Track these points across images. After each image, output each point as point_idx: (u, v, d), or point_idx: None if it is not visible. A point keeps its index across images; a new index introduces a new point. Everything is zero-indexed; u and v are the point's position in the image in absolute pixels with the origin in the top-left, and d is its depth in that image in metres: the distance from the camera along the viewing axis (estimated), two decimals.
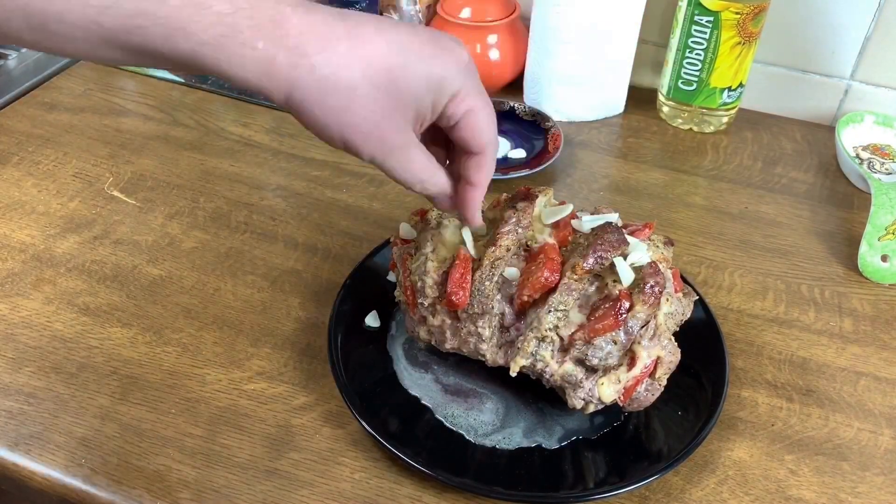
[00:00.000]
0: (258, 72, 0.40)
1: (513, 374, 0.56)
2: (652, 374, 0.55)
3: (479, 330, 0.57)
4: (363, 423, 0.57)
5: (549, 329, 0.54)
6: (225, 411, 0.61)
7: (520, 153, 0.88)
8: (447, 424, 0.59)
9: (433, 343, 0.61)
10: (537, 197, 0.59)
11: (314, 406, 0.61)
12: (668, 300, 0.55)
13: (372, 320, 0.66)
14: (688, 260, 0.77)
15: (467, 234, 0.58)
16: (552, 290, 0.54)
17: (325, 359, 0.63)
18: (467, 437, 0.59)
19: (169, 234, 0.77)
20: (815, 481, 0.58)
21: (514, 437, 0.59)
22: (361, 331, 0.65)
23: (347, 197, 0.82)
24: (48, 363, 0.64)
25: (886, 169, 0.87)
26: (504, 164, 0.87)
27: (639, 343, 0.54)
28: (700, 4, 0.85)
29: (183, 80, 0.98)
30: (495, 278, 0.55)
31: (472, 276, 0.56)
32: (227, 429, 0.59)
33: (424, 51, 0.44)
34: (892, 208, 0.77)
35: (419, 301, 0.58)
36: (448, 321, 0.58)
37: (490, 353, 0.58)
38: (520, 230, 0.57)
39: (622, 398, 0.55)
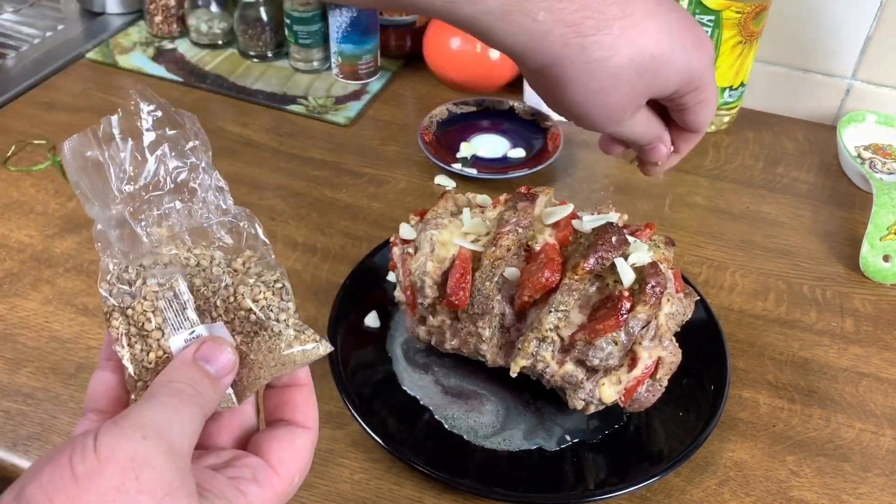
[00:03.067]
0: (528, 40, 0.41)
1: (513, 374, 0.56)
2: (653, 375, 0.55)
3: (480, 330, 0.57)
4: (363, 424, 0.56)
5: (550, 329, 0.54)
6: None
7: (519, 153, 0.88)
8: (447, 426, 0.59)
9: (433, 343, 0.60)
10: (537, 197, 0.59)
11: None
12: (669, 300, 0.55)
13: (372, 320, 0.66)
14: (689, 260, 0.76)
15: (467, 225, 0.58)
16: (553, 290, 0.54)
17: (325, 359, 0.62)
18: (467, 439, 0.58)
19: None
20: (817, 482, 0.58)
21: (514, 439, 0.58)
22: (361, 331, 0.65)
23: (347, 197, 0.82)
24: (47, 363, 0.64)
25: (888, 168, 0.87)
26: (503, 163, 0.87)
27: (640, 344, 0.54)
28: (701, 3, 0.85)
29: (182, 80, 0.98)
30: (495, 278, 0.55)
31: (473, 276, 0.56)
32: None
33: (687, 40, 0.44)
34: (893, 208, 0.77)
35: (419, 301, 0.58)
36: (448, 321, 0.58)
37: (490, 353, 0.58)
38: (520, 230, 0.56)
39: (623, 399, 0.55)
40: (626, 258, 0.55)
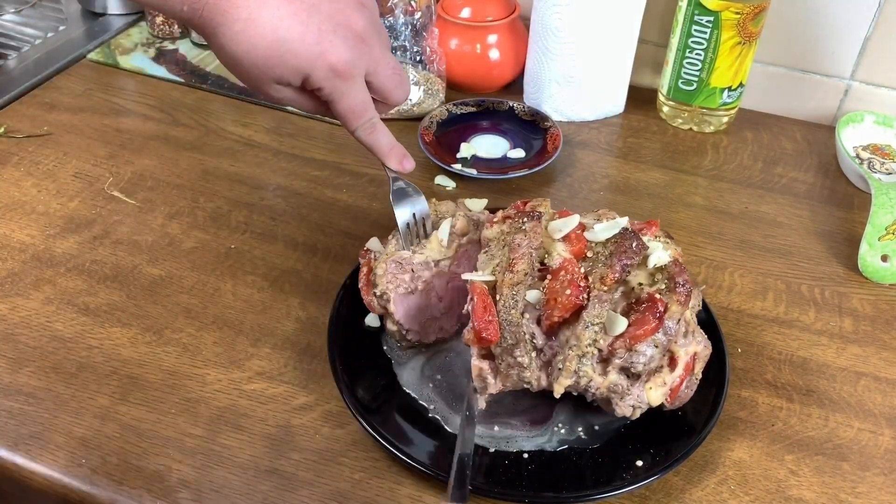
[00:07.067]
0: (185, 18, 0.53)
1: (557, 395, 0.54)
2: (691, 370, 0.55)
3: (519, 360, 0.54)
4: (363, 423, 0.57)
5: (589, 344, 0.53)
6: (225, 411, 0.61)
7: (519, 153, 0.88)
8: (447, 426, 0.59)
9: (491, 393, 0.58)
10: (542, 214, 0.58)
11: (314, 406, 0.61)
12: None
13: (372, 320, 0.66)
14: (688, 260, 0.76)
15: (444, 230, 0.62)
16: (582, 306, 0.53)
17: (325, 359, 0.62)
18: None
19: (169, 234, 0.77)
20: (816, 481, 0.58)
21: (514, 439, 0.59)
22: (361, 331, 0.65)
23: (347, 197, 0.82)
24: (48, 363, 0.64)
25: (886, 169, 0.87)
26: (503, 163, 0.87)
27: (675, 342, 0.54)
28: (700, 4, 0.85)
29: (183, 81, 0.98)
30: (519, 304, 0.54)
31: (496, 307, 0.54)
32: (227, 429, 0.59)
33: (310, 45, 0.53)
34: (892, 208, 0.77)
35: (372, 296, 0.60)
36: (486, 367, 0.56)
37: (534, 378, 0.56)
38: (533, 252, 0.55)
39: (668, 399, 0.55)
40: (646, 261, 0.55)
